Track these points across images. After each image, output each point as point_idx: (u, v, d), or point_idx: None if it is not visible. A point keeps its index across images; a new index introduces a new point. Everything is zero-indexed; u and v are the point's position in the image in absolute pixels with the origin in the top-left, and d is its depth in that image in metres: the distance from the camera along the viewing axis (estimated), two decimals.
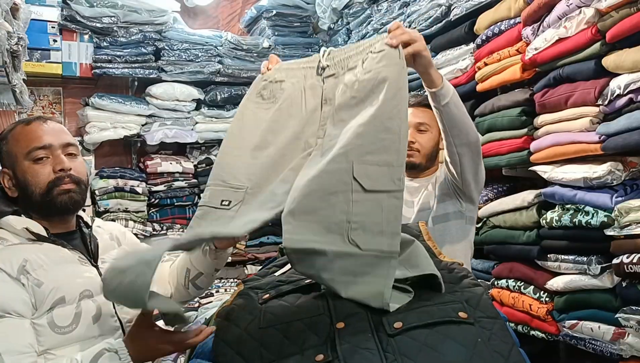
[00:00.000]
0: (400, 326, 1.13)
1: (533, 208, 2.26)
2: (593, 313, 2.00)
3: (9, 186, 1.37)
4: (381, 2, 3.50)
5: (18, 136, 1.37)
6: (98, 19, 3.69)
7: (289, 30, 4.39)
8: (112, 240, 1.52)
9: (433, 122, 1.98)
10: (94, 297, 1.32)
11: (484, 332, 1.14)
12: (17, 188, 1.36)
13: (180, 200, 3.88)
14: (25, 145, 1.35)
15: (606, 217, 1.91)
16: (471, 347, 1.09)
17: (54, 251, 1.31)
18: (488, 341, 1.11)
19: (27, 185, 1.34)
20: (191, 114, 4.00)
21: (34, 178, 1.33)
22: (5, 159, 1.39)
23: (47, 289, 1.24)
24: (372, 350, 1.09)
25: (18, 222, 1.32)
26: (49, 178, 1.33)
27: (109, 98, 3.72)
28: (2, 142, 1.39)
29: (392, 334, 1.12)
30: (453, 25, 2.82)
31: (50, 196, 1.33)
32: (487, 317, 1.18)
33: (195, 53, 3.98)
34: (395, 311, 1.17)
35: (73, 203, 1.36)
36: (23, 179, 1.34)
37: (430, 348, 1.08)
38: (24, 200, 1.36)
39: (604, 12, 1.90)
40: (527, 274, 2.29)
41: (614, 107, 1.90)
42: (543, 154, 2.21)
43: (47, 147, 1.35)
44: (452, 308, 1.17)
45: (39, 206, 1.34)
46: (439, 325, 1.13)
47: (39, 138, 1.35)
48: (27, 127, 1.38)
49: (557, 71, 2.14)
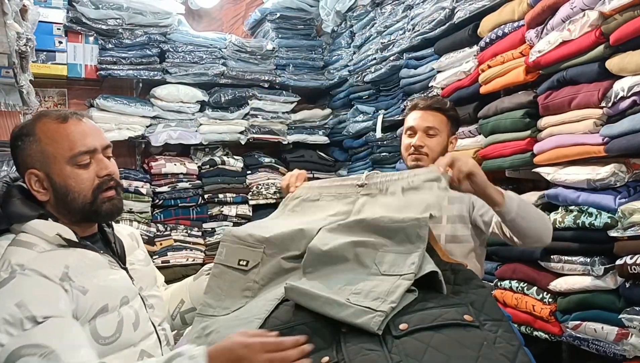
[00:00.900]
0: (406, 327, 1.14)
1: None
2: (596, 314, 2.01)
3: (37, 188, 1.25)
4: (385, 5, 3.53)
5: (56, 135, 1.25)
6: (103, 21, 3.72)
7: (292, 32, 4.41)
8: (132, 240, 1.48)
9: (442, 126, 2.03)
10: (130, 303, 1.26)
11: (490, 334, 1.14)
12: (52, 191, 1.25)
13: (184, 201, 3.89)
14: (68, 147, 1.24)
15: (609, 218, 1.92)
16: (477, 350, 1.09)
17: (87, 257, 1.23)
18: (494, 344, 1.11)
19: (68, 191, 1.24)
20: (195, 116, 4.02)
21: (79, 184, 1.24)
22: (34, 158, 1.25)
23: (91, 297, 1.16)
24: (377, 352, 1.10)
25: (48, 228, 1.22)
26: (93, 184, 1.26)
27: (114, 99, 3.74)
28: (27, 138, 1.26)
29: (398, 335, 1.12)
30: (457, 28, 2.84)
31: (95, 205, 1.26)
32: (493, 320, 1.18)
33: (200, 55, 4.00)
34: (400, 312, 1.18)
35: (116, 210, 1.31)
36: (63, 184, 1.24)
37: (435, 350, 1.09)
38: (59, 205, 1.26)
39: (607, 15, 1.92)
40: (530, 275, 2.29)
41: (617, 109, 1.91)
42: (546, 156, 2.22)
43: (91, 151, 1.26)
44: (457, 310, 1.18)
45: (80, 213, 1.26)
46: (444, 327, 1.14)
47: (83, 141, 1.25)
48: (65, 126, 1.26)
49: (560, 73, 2.15)
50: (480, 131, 2.65)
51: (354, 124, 3.93)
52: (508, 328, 1.18)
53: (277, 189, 4.17)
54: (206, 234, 3.98)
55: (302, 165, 4.32)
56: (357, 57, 3.90)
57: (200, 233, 3.96)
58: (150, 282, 1.44)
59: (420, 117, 2.05)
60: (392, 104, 3.50)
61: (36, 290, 1.10)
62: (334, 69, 4.34)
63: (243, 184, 4.12)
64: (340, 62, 4.23)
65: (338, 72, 4.25)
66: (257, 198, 4.13)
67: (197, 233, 3.94)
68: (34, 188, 1.25)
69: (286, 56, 4.34)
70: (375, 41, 3.63)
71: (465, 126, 2.77)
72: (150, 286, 1.42)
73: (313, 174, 4.34)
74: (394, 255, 1.26)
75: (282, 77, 4.29)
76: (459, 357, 1.08)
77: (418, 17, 3.12)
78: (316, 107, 4.48)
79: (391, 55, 3.43)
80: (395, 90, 3.49)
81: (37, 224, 1.22)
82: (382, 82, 3.61)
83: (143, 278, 1.39)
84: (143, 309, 1.31)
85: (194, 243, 3.91)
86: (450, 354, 1.08)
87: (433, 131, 2.01)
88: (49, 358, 1.00)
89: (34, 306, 1.06)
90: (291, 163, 4.33)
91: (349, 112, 4.07)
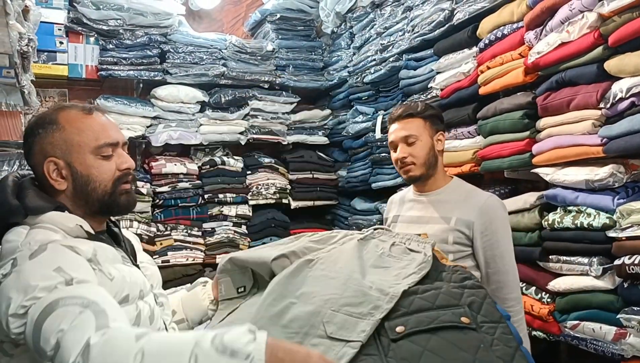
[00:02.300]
0: (402, 330, 1.14)
1: (535, 209, 2.28)
2: (595, 314, 2.03)
3: (56, 177, 1.25)
4: (384, 6, 3.54)
5: (81, 125, 1.27)
6: (104, 22, 3.73)
7: (292, 33, 4.42)
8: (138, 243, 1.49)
9: (420, 130, 2.01)
10: (145, 298, 1.26)
11: (487, 337, 1.14)
12: (71, 180, 1.26)
13: (184, 201, 3.89)
14: (94, 137, 1.26)
15: (608, 219, 1.93)
16: (473, 353, 1.09)
17: (105, 249, 1.23)
18: (490, 347, 1.12)
19: (89, 180, 1.25)
20: (195, 116, 4.03)
21: (101, 174, 1.26)
22: (55, 146, 1.25)
23: (117, 284, 1.16)
24: (373, 356, 1.10)
25: (68, 219, 1.22)
26: (114, 176, 1.28)
27: (115, 100, 3.75)
28: (50, 126, 1.26)
29: (395, 339, 1.13)
30: (456, 29, 2.85)
31: (114, 196, 1.28)
32: (490, 322, 1.18)
33: (200, 56, 4.01)
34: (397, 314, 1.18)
35: (133, 203, 1.33)
36: (86, 173, 1.25)
37: (432, 353, 1.09)
38: (75, 195, 1.27)
39: (606, 17, 1.93)
40: (528, 275, 2.31)
41: (616, 110, 1.92)
42: (545, 157, 2.24)
43: (114, 144, 1.29)
44: (453, 313, 1.18)
45: (98, 202, 1.27)
46: (441, 330, 1.14)
47: (108, 133, 1.29)
48: (91, 117, 1.29)
49: (559, 74, 2.17)
50: (479, 131, 2.67)
51: (353, 124, 3.94)
52: (506, 329, 1.17)
53: (277, 190, 4.18)
54: (206, 234, 3.99)
55: (301, 165, 4.34)
56: (356, 58, 3.92)
57: (200, 233, 3.97)
58: (159, 281, 1.45)
59: (396, 130, 2.05)
60: (392, 105, 3.51)
61: (72, 258, 1.09)
62: (333, 70, 4.35)
63: (243, 184, 4.13)
64: (340, 63, 4.24)
65: (338, 73, 4.26)
66: (257, 198, 4.14)
67: (197, 233, 3.95)
68: (52, 176, 1.25)
69: (286, 56, 4.35)
70: (375, 42, 3.64)
71: (464, 126, 2.78)
72: (159, 285, 1.44)
73: (313, 174, 4.35)
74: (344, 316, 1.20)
75: (282, 78, 4.30)
76: (455, 360, 1.08)
77: (417, 18, 3.13)
78: (316, 108, 4.48)
79: (391, 56, 3.44)
80: (395, 91, 3.50)
81: (55, 216, 1.21)
82: (382, 83, 3.62)
83: (152, 277, 1.40)
84: (156, 307, 1.31)
85: (194, 243, 3.91)
86: (446, 357, 1.08)
87: (411, 138, 2.00)
88: (89, 306, 0.97)
89: (72, 271, 1.05)
90: (291, 163, 4.34)
91: (349, 113, 4.08)
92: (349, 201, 4.17)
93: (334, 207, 4.43)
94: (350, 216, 4.09)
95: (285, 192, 4.25)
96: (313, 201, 4.33)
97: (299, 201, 4.28)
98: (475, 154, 2.68)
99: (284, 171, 4.30)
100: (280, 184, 4.23)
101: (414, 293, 1.25)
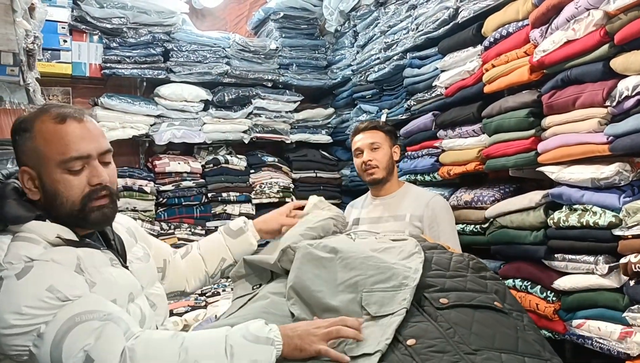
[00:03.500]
0: (447, 302, 1.20)
1: (540, 208, 2.27)
2: (600, 313, 2.02)
3: (29, 187, 1.21)
4: (388, 4, 3.53)
5: (50, 135, 1.19)
6: (108, 20, 3.73)
7: (296, 32, 4.42)
8: (130, 236, 1.46)
9: (382, 140, 2.51)
10: (136, 300, 1.25)
11: (518, 322, 1.22)
12: (42, 192, 1.21)
13: (188, 200, 3.89)
14: (60, 151, 1.18)
15: (614, 217, 1.92)
16: (514, 332, 1.15)
17: (90, 255, 1.20)
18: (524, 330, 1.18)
19: (56, 195, 1.19)
20: (199, 115, 4.03)
21: (68, 190, 1.19)
22: (28, 156, 1.21)
23: (100, 291, 1.14)
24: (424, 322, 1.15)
25: (48, 229, 1.18)
26: (83, 192, 1.20)
27: (118, 98, 3.75)
28: (25, 134, 1.20)
29: (440, 307, 1.18)
30: (460, 27, 2.84)
31: (83, 213, 1.21)
32: (517, 310, 1.26)
33: (204, 54, 4.02)
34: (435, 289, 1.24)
35: (106, 219, 1.25)
36: (52, 188, 1.19)
37: (481, 324, 1.14)
38: (50, 208, 1.22)
39: (612, 15, 1.92)
40: (534, 274, 2.30)
41: (622, 108, 1.91)
42: (551, 155, 2.23)
43: (84, 157, 1.20)
44: (487, 296, 1.24)
45: (68, 218, 1.21)
46: (481, 308, 1.20)
47: (77, 146, 1.19)
48: (60, 126, 1.19)
49: (565, 72, 2.16)
50: (483, 130, 2.66)
51: (357, 123, 3.93)
52: (531, 318, 1.26)
53: (280, 189, 4.18)
54: (209, 232, 3.95)
55: (304, 164, 4.34)
56: (360, 56, 3.91)
57: (203, 232, 3.95)
58: (151, 279, 1.42)
59: (362, 138, 2.52)
60: (396, 103, 3.51)
61: (61, 275, 1.10)
62: (337, 69, 4.35)
63: (246, 183, 4.13)
64: (343, 61, 4.24)
65: (341, 71, 4.26)
66: (260, 197, 4.14)
67: (200, 231, 3.95)
68: (25, 185, 1.22)
69: (289, 55, 4.35)
70: (379, 41, 3.63)
71: (469, 125, 2.78)
72: (150, 283, 1.41)
73: (316, 173, 4.35)
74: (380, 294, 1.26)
75: (285, 76, 4.30)
76: (501, 334, 1.13)
77: (422, 16, 3.12)
78: (319, 107, 4.48)
79: (395, 54, 3.43)
80: (399, 89, 3.50)
81: (35, 226, 1.18)
82: (386, 81, 3.62)
83: (143, 276, 1.37)
84: (147, 307, 1.30)
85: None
86: (495, 330, 1.13)
87: (376, 145, 2.47)
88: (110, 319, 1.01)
89: (65, 288, 1.07)
90: (294, 162, 4.34)
91: (352, 111, 4.08)
92: (352, 200, 4.16)
93: (337, 206, 4.40)
94: None
95: (288, 191, 4.25)
96: None
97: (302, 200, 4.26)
98: (480, 153, 2.67)
99: (287, 170, 4.30)
100: (284, 183, 4.23)
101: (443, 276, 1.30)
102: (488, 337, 1.11)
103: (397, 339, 1.12)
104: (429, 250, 1.46)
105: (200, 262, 1.60)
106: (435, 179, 3.05)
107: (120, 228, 1.43)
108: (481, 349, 1.07)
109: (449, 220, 2.44)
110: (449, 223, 2.44)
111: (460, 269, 1.36)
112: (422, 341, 1.10)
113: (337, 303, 1.27)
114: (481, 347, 1.08)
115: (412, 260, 1.36)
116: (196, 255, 1.63)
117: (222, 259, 1.58)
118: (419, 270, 1.28)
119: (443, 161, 2.98)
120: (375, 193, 2.58)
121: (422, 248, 1.43)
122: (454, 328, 1.12)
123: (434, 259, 1.40)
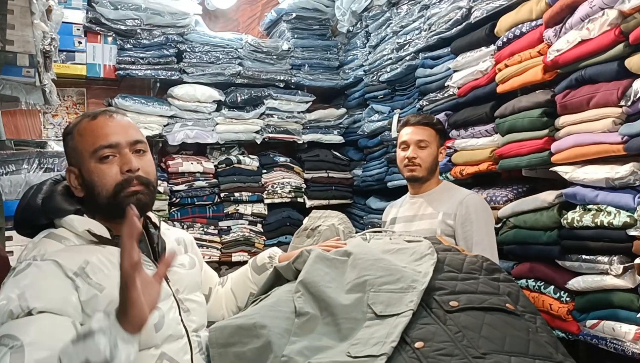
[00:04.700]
0: (457, 305, 1.20)
1: (554, 208, 2.26)
2: (614, 313, 2.01)
3: (75, 185, 1.28)
4: (401, 4, 3.54)
5: (83, 131, 1.27)
6: (122, 22, 3.78)
7: (308, 33, 4.44)
8: (179, 244, 1.46)
9: (432, 139, 2.35)
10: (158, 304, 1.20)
11: (531, 324, 1.21)
12: (84, 187, 1.27)
13: (200, 199, 3.93)
14: (91, 142, 1.25)
15: (628, 217, 1.91)
16: (526, 334, 1.15)
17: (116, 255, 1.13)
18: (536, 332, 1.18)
19: (93, 186, 1.24)
20: (212, 115, 4.06)
21: (101, 178, 1.24)
22: (71, 156, 1.30)
23: (109, 294, 1.14)
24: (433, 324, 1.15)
25: (80, 223, 1.24)
26: (116, 179, 1.24)
27: (132, 99, 3.79)
28: (67, 137, 1.30)
29: (450, 311, 1.18)
30: (473, 27, 2.84)
31: (118, 199, 1.23)
32: (530, 312, 1.25)
33: (216, 55, 4.05)
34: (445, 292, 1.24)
35: (141, 205, 1.24)
36: (89, 179, 1.25)
37: (491, 327, 1.14)
38: (90, 201, 1.27)
39: (627, 14, 1.91)
40: (547, 274, 2.29)
41: (636, 108, 1.90)
42: (564, 155, 2.22)
43: (113, 146, 1.25)
44: (499, 298, 1.24)
45: (106, 208, 1.25)
46: (492, 310, 1.20)
47: (105, 135, 1.25)
48: (92, 122, 1.28)
49: (579, 72, 2.15)
50: (497, 130, 2.66)
51: (369, 123, 3.94)
52: (544, 320, 1.25)
53: (292, 189, 4.20)
54: (222, 232, 4.02)
55: (317, 164, 4.35)
56: (372, 57, 3.92)
57: (216, 231, 3.99)
58: (190, 286, 1.40)
59: (411, 132, 2.37)
60: (408, 103, 3.51)
61: (42, 282, 1.12)
62: (349, 69, 4.35)
63: (258, 183, 4.16)
64: (355, 62, 4.24)
65: (353, 72, 4.27)
66: (272, 197, 4.16)
67: (213, 231, 3.98)
68: (72, 184, 1.29)
69: (302, 56, 4.37)
70: (391, 41, 3.64)
71: (482, 125, 2.77)
72: (189, 290, 1.38)
73: (328, 173, 4.36)
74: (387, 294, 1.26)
75: (297, 77, 4.32)
76: (512, 336, 1.13)
77: (434, 17, 3.13)
78: (331, 107, 4.50)
79: (407, 55, 3.43)
80: (411, 89, 3.50)
81: (71, 219, 1.24)
82: (398, 81, 3.62)
83: (181, 281, 1.36)
84: (174, 311, 1.28)
85: (210, 241, 3.94)
86: (505, 333, 1.13)
87: (424, 143, 2.33)
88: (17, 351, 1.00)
89: (33, 298, 1.08)
90: (306, 162, 4.36)
91: (364, 111, 4.08)
92: (364, 200, 4.17)
93: (349, 206, 4.44)
94: (365, 215, 4.09)
95: (300, 191, 4.27)
96: (328, 200, 4.34)
97: (314, 200, 4.29)
98: (493, 153, 2.67)
99: (299, 170, 4.32)
100: (296, 183, 4.25)
101: (454, 279, 1.30)
102: (498, 340, 1.11)
103: (405, 341, 1.12)
104: (442, 252, 1.47)
105: (232, 297, 1.66)
106: (447, 179, 3.05)
107: (169, 235, 1.44)
108: (490, 353, 1.08)
109: (484, 219, 2.25)
110: (484, 221, 2.25)
111: (473, 271, 1.37)
112: (430, 344, 1.10)
113: (344, 299, 1.28)
114: (490, 350, 1.09)
115: (424, 262, 1.36)
116: (229, 289, 1.68)
117: (251, 293, 1.62)
118: (429, 273, 1.29)
119: (456, 161, 2.98)
120: (412, 191, 2.46)
121: (435, 250, 1.43)
122: (463, 331, 1.12)
123: (446, 260, 1.41)
